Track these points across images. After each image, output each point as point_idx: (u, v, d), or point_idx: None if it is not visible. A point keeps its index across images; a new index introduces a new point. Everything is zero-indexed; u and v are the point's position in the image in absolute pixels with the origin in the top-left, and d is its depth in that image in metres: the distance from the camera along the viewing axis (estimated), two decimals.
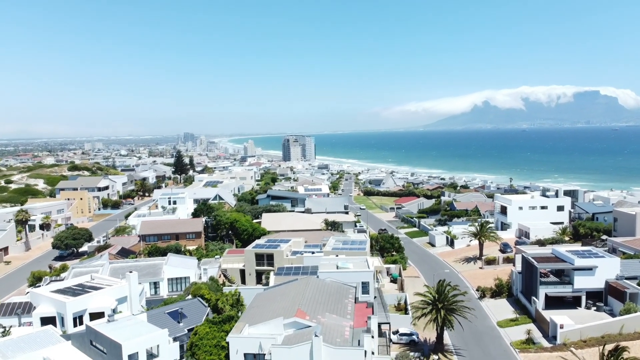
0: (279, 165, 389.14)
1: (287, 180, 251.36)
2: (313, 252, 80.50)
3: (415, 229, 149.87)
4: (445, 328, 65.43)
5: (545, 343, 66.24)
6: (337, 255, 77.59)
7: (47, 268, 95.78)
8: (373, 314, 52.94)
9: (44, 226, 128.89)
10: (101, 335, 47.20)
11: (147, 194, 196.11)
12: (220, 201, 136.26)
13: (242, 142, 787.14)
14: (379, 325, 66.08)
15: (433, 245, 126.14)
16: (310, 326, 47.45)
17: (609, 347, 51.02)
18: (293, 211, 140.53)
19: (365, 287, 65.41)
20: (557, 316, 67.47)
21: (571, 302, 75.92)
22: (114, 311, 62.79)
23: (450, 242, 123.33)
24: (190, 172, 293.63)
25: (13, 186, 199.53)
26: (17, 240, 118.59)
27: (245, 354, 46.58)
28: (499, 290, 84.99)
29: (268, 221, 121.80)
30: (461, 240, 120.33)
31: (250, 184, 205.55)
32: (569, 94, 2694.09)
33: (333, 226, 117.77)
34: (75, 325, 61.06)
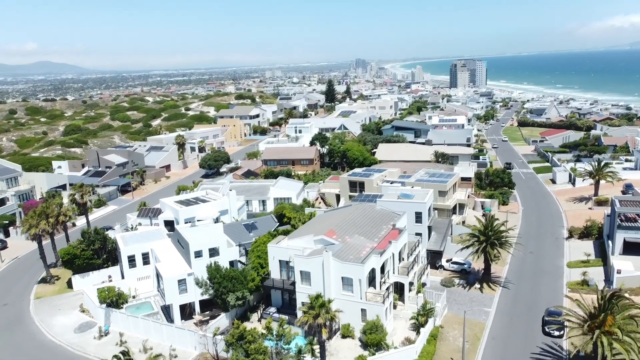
0: (438, 93, 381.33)
1: (435, 109, 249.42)
2: (391, 182, 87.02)
3: (547, 164, 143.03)
4: (492, 261, 68.46)
5: (602, 286, 65.21)
6: (412, 187, 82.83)
7: (191, 184, 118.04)
8: (397, 239, 59.47)
9: (201, 149, 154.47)
10: (181, 236, 62.64)
11: None
12: (345, 130, 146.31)
13: (414, 67, 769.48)
14: (431, 252, 72.17)
15: (554, 182, 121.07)
16: (334, 244, 56.42)
17: None
18: (414, 142, 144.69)
19: (418, 216, 70.94)
20: (619, 261, 65.42)
21: None
22: (216, 220, 78.94)
23: (573, 180, 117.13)
24: (347, 100, 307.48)
25: (191, 113, 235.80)
26: (179, 159, 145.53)
27: (279, 260, 57.85)
28: (587, 232, 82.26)
29: (382, 151, 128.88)
30: (587, 179, 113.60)
31: (389, 113, 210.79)
32: None
33: (442, 158, 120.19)
34: None
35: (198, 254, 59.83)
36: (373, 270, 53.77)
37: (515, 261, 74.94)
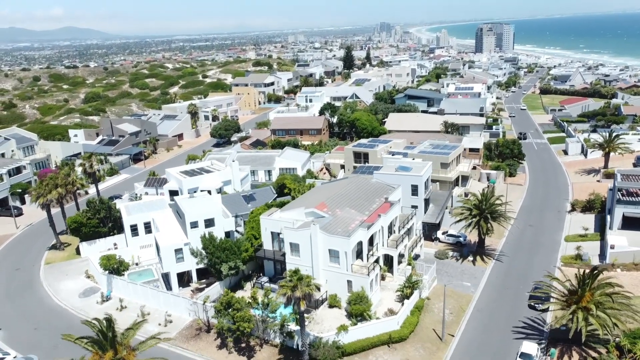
0: (461, 58, 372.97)
1: (454, 76, 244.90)
2: (393, 154, 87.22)
3: (562, 134, 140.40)
4: (486, 234, 68.80)
5: (597, 261, 65.30)
6: (413, 159, 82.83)
7: (202, 153, 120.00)
8: (386, 213, 60.34)
9: (215, 117, 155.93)
10: (179, 207, 64.66)
11: None
12: (356, 99, 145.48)
13: (440, 31, 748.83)
14: (427, 224, 72.90)
15: (566, 153, 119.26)
16: (324, 217, 57.62)
17: None
18: (426, 112, 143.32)
19: (414, 189, 71.44)
20: (613, 236, 65.16)
21: None
22: (219, 190, 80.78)
23: (585, 152, 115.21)
24: (366, 67, 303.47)
25: (208, 80, 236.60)
26: (192, 128, 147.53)
27: (271, 232, 59.51)
28: (590, 206, 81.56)
29: (392, 121, 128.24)
30: (596, 150, 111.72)
31: (405, 80, 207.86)
32: None
33: (452, 128, 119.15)
34: None
35: (194, 225, 61.89)
36: (360, 243, 54.95)
37: (513, 234, 75.16)
